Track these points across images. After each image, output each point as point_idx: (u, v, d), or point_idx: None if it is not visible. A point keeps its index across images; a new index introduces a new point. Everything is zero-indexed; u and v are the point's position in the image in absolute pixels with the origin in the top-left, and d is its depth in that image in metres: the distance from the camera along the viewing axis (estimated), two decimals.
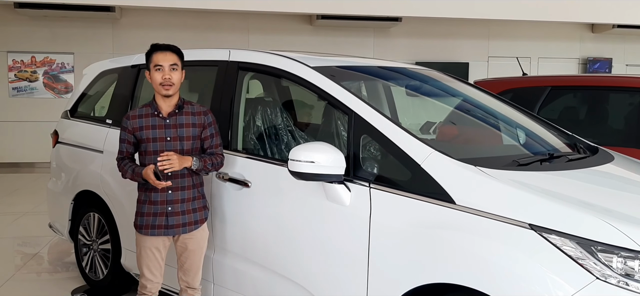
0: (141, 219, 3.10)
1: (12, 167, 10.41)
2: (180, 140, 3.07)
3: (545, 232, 2.21)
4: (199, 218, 3.15)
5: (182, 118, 3.09)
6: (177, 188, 3.06)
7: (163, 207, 3.06)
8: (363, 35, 11.58)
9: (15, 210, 7.15)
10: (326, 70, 3.13)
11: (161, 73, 3.02)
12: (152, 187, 3.03)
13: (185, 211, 3.09)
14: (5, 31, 10.40)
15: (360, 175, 2.75)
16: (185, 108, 3.12)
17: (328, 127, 3.42)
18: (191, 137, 3.09)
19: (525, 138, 3.45)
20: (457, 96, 3.85)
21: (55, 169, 4.81)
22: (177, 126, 3.08)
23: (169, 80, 3.02)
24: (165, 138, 3.05)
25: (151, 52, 3.09)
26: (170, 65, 3.04)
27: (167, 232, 3.08)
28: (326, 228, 2.83)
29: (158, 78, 3.02)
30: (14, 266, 5.02)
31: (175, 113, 3.09)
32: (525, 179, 2.54)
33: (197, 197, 3.14)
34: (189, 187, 3.10)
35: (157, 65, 3.03)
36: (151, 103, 3.12)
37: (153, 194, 3.05)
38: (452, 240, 2.39)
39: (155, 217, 3.07)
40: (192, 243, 3.15)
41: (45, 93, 10.67)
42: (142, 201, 3.11)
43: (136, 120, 3.08)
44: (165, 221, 3.06)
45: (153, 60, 3.05)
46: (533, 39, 12.15)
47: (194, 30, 10.82)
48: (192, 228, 3.12)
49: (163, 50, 3.07)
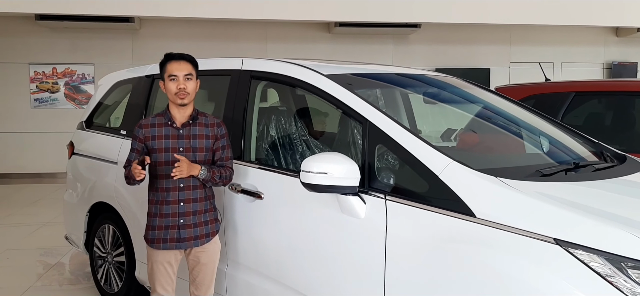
0: (152, 233, 3.04)
1: (34, 177, 10.52)
2: (193, 151, 3.01)
3: (571, 247, 2.08)
4: (210, 231, 3.08)
5: (195, 129, 3.03)
6: (188, 201, 2.99)
7: (175, 220, 2.99)
8: (382, 42, 11.48)
9: (36, 221, 7.18)
10: (340, 78, 3.05)
11: (176, 83, 2.97)
12: (163, 198, 2.97)
13: (197, 224, 3.02)
14: (26, 43, 10.53)
15: (376, 187, 2.65)
16: (199, 119, 3.06)
17: (344, 137, 3.32)
18: (204, 149, 3.03)
19: (548, 147, 3.32)
20: (477, 103, 3.73)
21: (71, 180, 4.80)
22: (191, 137, 3.02)
23: (184, 90, 2.97)
24: (177, 148, 3.00)
25: (165, 62, 3.05)
26: (184, 74, 2.98)
27: (179, 246, 3.01)
28: (341, 242, 2.73)
29: (173, 88, 2.97)
30: (34, 276, 5.01)
31: (189, 124, 3.03)
32: (549, 190, 2.42)
33: (209, 209, 3.08)
34: (201, 199, 3.03)
35: (172, 75, 2.98)
36: (165, 112, 3.06)
37: (164, 207, 2.99)
38: (472, 254, 2.28)
39: (166, 230, 3.00)
40: (204, 257, 3.08)
41: (66, 104, 10.76)
42: (153, 214, 3.05)
43: (149, 129, 3.02)
44: (177, 234, 3.00)
45: (167, 69, 3.00)
46: (556, 43, 11.93)
47: (212, 40, 10.83)
48: (204, 241, 3.05)
49: (177, 60, 3.02)
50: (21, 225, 7.00)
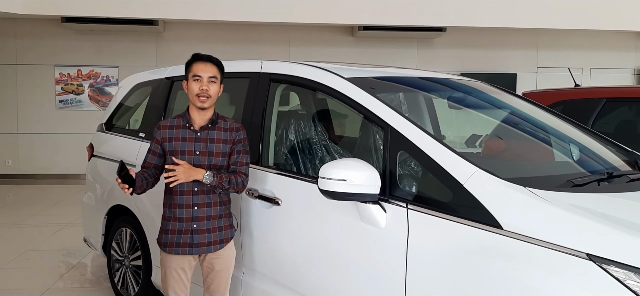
0: (165, 236, 2.98)
1: (59, 178, 10.62)
2: (210, 155, 2.94)
3: (605, 263, 1.95)
4: (224, 237, 3.00)
5: (213, 133, 2.96)
6: (202, 205, 2.92)
7: (188, 224, 2.93)
8: (406, 46, 11.34)
9: (58, 221, 7.21)
10: (361, 81, 2.95)
11: (199, 84, 2.90)
12: (177, 202, 2.91)
13: (211, 229, 2.95)
14: (52, 45, 10.64)
15: (397, 195, 2.54)
16: (218, 124, 2.99)
17: (366, 142, 3.22)
18: (221, 154, 2.96)
19: (579, 155, 3.17)
20: (503, 108, 3.60)
21: (90, 183, 4.78)
22: (208, 141, 2.95)
23: (206, 92, 2.90)
24: (194, 151, 2.93)
25: (191, 62, 2.98)
26: (209, 76, 2.92)
27: (191, 251, 2.95)
28: (360, 252, 2.63)
29: (195, 88, 2.90)
30: (53, 277, 5.00)
31: (208, 127, 2.96)
32: (581, 202, 2.29)
33: (224, 215, 3.00)
34: (216, 204, 2.96)
35: (196, 75, 2.92)
36: (184, 114, 3.00)
37: (178, 210, 2.93)
38: (498, 269, 2.16)
39: (180, 235, 2.94)
40: (219, 263, 3.01)
41: (90, 106, 10.85)
42: (167, 218, 2.98)
43: (167, 130, 2.96)
44: (190, 239, 2.93)
45: (193, 69, 2.94)
46: (585, 48, 11.65)
47: (235, 43, 10.82)
48: (217, 248, 2.97)
49: (204, 61, 2.96)
50: (43, 226, 7.04)
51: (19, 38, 10.59)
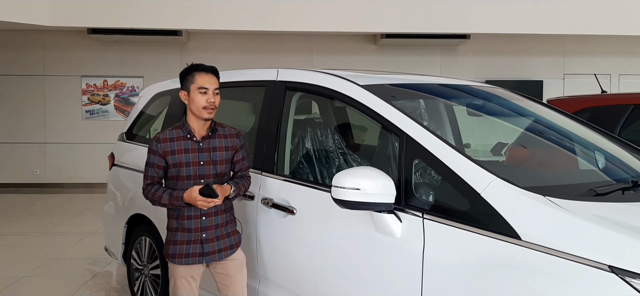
0: (174, 248, 2.96)
1: (85, 187, 10.76)
2: (214, 164, 2.93)
3: (628, 276, 1.87)
4: (234, 242, 3.02)
5: (215, 141, 2.96)
6: (210, 214, 2.93)
7: (197, 234, 2.92)
8: (429, 53, 11.24)
9: (82, 230, 7.29)
10: (377, 89, 2.90)
11: (206, 96, 2.89)
12: (185, 213, 2.90)
13: (219, 236, 2.95)
14: (79, 56, 10.82)
15: (413, 204, 2.48)
16: (218, 131, 2.99)
17: (383, 151, 3.17)
18: (224, 161, 2.97)
19: (604, 163, 3.07)
20: (526, 116, 3.51)
21: (111, 192, 4.81)
22: (211, 150, 2.94)
23: (213, 104, 2.89)
24: (198, 162, 2.91)
25: (193, 72, 2.94)
26: (214, 88, 2.92)
27: (202, 260, 2.94)
28: (375, 262, 2.57)
29: (202, 101, 2.88)
30: (75, 285, 5.04)
31: (209, 136, 2.96)
32: (603, 211, 2.20)
33: (230, 221, 3.02)
34: (222, 212, 2.97)
35: (203, 87, 2.89)
36: (182, 125, 2.97)
37: (186, 221, 2.92)
38: (516, 281, 2.09)
39: (188, 245, 2.93)
40: (231, 267, 3.00)
41: (116, 116, 10.98)
42: (175, 229, 2.96)
43: (167, 143, 2.92)
44: (200, 248, 2.93)
45: (197, 81, 2.91)
46: (613, 54, 11.39)
47: (258, 53, 10.86)
48: (228, 254, 2.98)
49: (208, 72, 2.94)
50: (68, 235, 7.13)
51: (47, 50, 10.80)
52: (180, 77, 3.00)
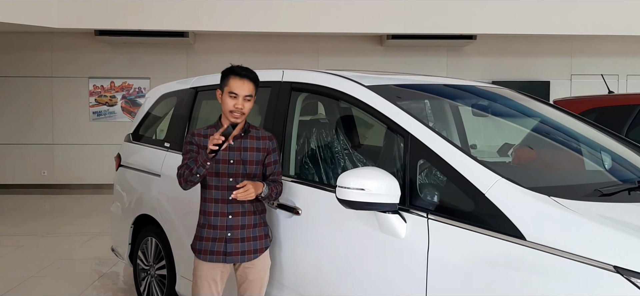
0: (200, 243, 2.97)
1: (93, 188, 10.81)
2: (244, 163, 2.94)
3: (633, 276, 1.86)
4: (259, 247, 2.97)
5: (246, 142, 2.97)
6: (237, 214, 2.91)
7: (222, 233, 2.92)
8: (435, 54, 11.22)
9: (89, 231, 7.33)
10: (382, 89, 2.90)
11: (234, 101, 2.88)
12: (211, 210, 2.91)
13: (245, 238, 2.93)
14: (86, 58, 10.88)
15: (417, 204, 2.49)
16: (250, 133, 2.99)
17: (389, 151, 3.17)
18: (255, 162, 2.96)
19: (611, 163, 3.05)
20: (532, 116, 3.50)
21: (117, 192, 4.83)
22: (242, 149, 2.95)
23: (240, 110, 2.88)
24: (228, 160, 2.92)
25: (229, 74, 2.93)
26: (245, 95, 2.89)
27: (224, 259, 2.93)
28: (380, 263, 2.58)
29: (230, 105, 2.88)
30: (83, 285, 5.07)
31: (241, 136, 2.96)
32: (609, 212, 2.19)
33: (259, 224, 2.98)
34: (250, 213, 2.95)
35: (233, 92, 2.88)
36: (217, 124, 3.00)
37: (213, 218, 2.93)
38: (521, 281, 2.08)
39: (214, 242, 2.93)
40: (252, 273, 2.98)
41: (123, 117, 11.03)
42: (202, 224, 2.98)
43: (201, 138, 2.95)
44: (223, 247, 2.92)
45: (230, 85, 2.90)
46: (620, 55, 11.34)
47: (264, 54, 10.88)
48: (251, 257, 2.95)
49: (242, 78, 2.90)
50: (76, 235, 7.16)
51: (55, 51, 10.87)
52: (221, 76, 2.98)
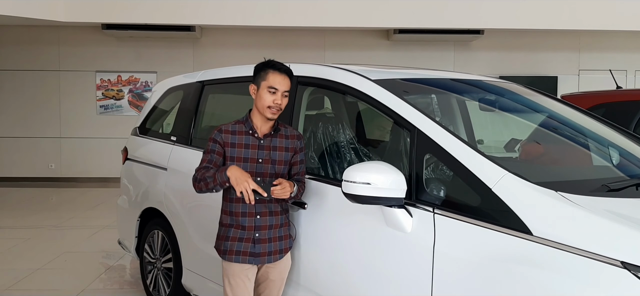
0: (226, 244, 2.89)
1: (99, 181, 10.86)
2: (273, 163, 2.88)
3: None
4: (283, 247, 2.93)
5: (276, 140, 2.91)
6: (265, 214, 2.86)
7: (250, 233, 2.86)
8: (443, 49, 11.18)
9: (96, 224, 7.36)
10: (388, 83, 2.89)
11: (273, 97, 2.81)
12: (239, 210, 2.85)
13: (272, 238, 2.88)
14: (94, 52, 10.91)
15: (424, 199, 2.48)
16: (280, 131, 2.94)
17: (395, 146, 3.15)
18: (283, 161, 2.91)
19: (619, 159, 3.04)
20: (539, 111, 3.48)
21: (124, 186, 4.85)
22: (271, 148, 2.89)
23: (279, 106, 2.83)
24: (257, 159, 2.86)
25: (267, 68, 2.86)
26: (284, 91, 2.84)
27: (252, 260, 2.87)
28: (386, 257, 2.57)
29: (269, 100, 2.81)
30: (89, 278, 5.09)
31: (271, 134, 2.90)
32: (616, 207, 2.18)
33: (284, 224, 2.94)
34: (277, 213, 2.90)
35: (272, 87, 2.81)
36: (245, 120, 2.92)
37: (241, 218, 2.86)
38: (528, 277, 2.07)
39: (240, 242, 2.86)
40: (274, 273, 2.96)
41: (130, 111, 11.07)
42: (228, 225, 2.90)
43: (229, 135, 2.87)
44: (251, 248, 2.86)
45: (269, 79, 2.83)
46: (629, 50, 11.26)
47: (271, 48, 10.85)
48: (277, 258, 2.91)
49: (282, 73, 2.85)
50: (82, 228, 7.20)
51: (62, 45, 10.90)
52: (254, 70, 2.92)
